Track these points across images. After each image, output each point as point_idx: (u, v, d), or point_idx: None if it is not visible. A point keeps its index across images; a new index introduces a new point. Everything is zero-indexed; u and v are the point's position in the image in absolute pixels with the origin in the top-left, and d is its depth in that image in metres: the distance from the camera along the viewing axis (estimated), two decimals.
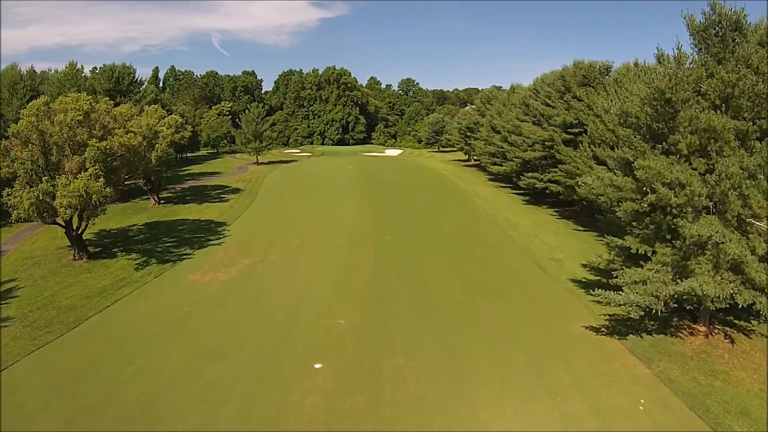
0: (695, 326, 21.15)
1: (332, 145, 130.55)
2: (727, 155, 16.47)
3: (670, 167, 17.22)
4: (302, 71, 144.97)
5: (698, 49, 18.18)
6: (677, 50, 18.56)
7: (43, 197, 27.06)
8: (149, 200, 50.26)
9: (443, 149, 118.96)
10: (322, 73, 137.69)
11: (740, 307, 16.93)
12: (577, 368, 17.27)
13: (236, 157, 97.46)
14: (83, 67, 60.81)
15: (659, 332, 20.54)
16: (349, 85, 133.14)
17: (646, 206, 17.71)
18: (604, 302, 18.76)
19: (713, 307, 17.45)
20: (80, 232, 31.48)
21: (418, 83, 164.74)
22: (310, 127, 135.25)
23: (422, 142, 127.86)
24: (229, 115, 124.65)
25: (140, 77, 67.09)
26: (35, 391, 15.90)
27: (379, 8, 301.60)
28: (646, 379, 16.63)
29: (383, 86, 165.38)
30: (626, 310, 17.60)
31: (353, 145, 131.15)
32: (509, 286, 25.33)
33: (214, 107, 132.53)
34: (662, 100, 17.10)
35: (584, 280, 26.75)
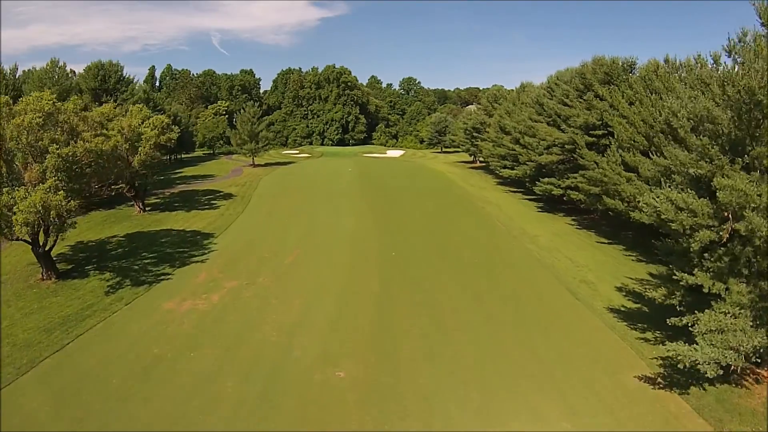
0: (759, 371, 17.56)
1: (332, 145, 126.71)
2: None
3: (758, 188, 13.48)
4: (301, 69, 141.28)
5: None
6: (754, 42, 14.85)
7: (2, 211, 23.43)
8: (135, 207, 46.57)
9: (446, 150, 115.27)
10: (321, 71, 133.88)
11: None
12: None
13: (232, 158, 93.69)
14: (65, 64, 57.06)
15: (721, 381, 16.89)
16: (349, 83, 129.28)
17: (725, 235, 13.99)
18: (674, 357, 14.97)
19: None
20: (48, 249, 27.76)
21: (419, 82, 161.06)
22: (309, 127, 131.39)
23: (424, 142, 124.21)
24: (225, 114, 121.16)
25: (128, 75, 63.19)
26: None
27: (378, 8, 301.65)
28: None
29: (384, 85, 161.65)
30: (704, 368, 13.83)
31: (353, 145, 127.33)
32: (539, 319, 21.54)
33: (210, 107, 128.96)
34: (751, 102, 13.35)
35: (623, 308, 23.06)
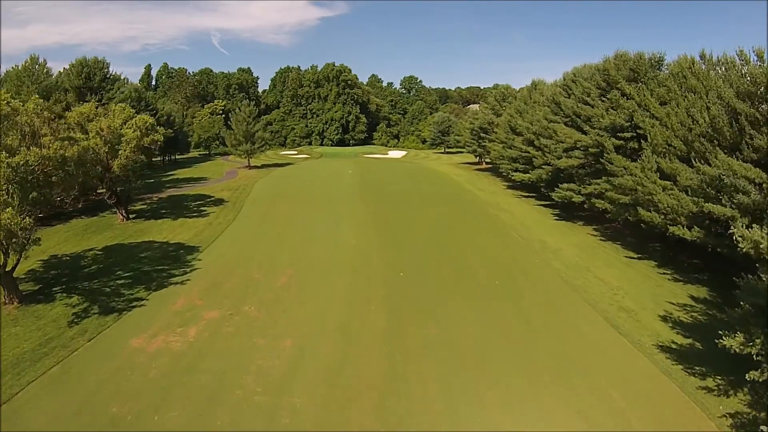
0: None
1: (331, 145, 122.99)
2: None
3: None
4: (300, 68, 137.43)
5: None
6: None
7: None
8: (118, 215, 42.92)
9: (449, 150, 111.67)
10: (321, 69, 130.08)
11: None
12: None
13: (228, 159, 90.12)
14: (46, 61, 53.30)
15: None
16: (349, 82, 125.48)
17: None
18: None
19: None
20: (9, 270, 24.12)
21: (421, 81, 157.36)
22: (308, 126, 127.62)
23: (426, 142, 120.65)
24: (222, 114, 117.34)
25: (114, 72, 59.47)
26: None
27: (378, 8, 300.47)
28: None
29: (384, 84, 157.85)
30: None
31: (354, 145, 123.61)
32: (583, 365, 17.77)
33: (206, 106, 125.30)
34: None
35: (675, 346, 19.45)
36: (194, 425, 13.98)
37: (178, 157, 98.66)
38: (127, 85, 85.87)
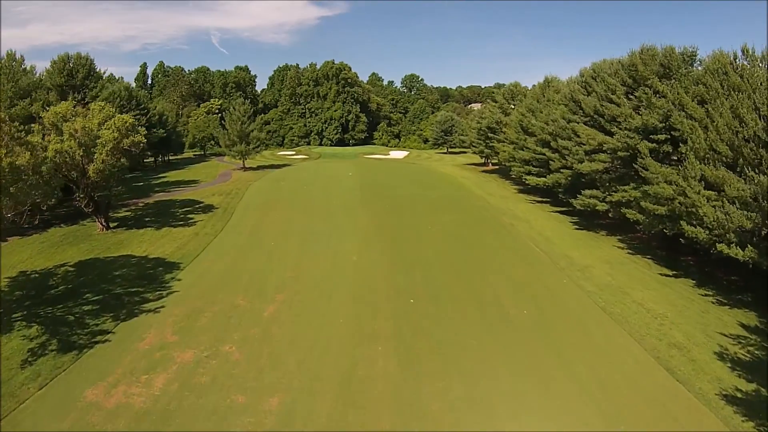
0: None
1: (331, 145, 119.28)
2: None
3: None
4: (299, 66, 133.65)
5: None
6: None
7: None
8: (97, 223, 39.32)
9: (452, 150, 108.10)
10: (320, 67, 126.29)
11: None
12: None
13: (224, 160, 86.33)
14: (24, 58, 49.47)
15: None
16: (349, 80, 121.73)
17: None
18: None
19: None
20: None
21: (422, 79, 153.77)
22: (306, 126, 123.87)
23: (428, 142, 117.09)
24: (219, 113, 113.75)
25: (99, 69, 55.76)
26: None
27: (378, 7, 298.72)
28: None
29: (385, 83, 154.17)
30: None
31: (354, 145, 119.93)
32: (643, 425, 14.23)
33: (202, 105, 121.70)
34: None
35: (740, 395, 16.01)
36: None
37: (171, 158, 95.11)
38: (117, 83, 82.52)
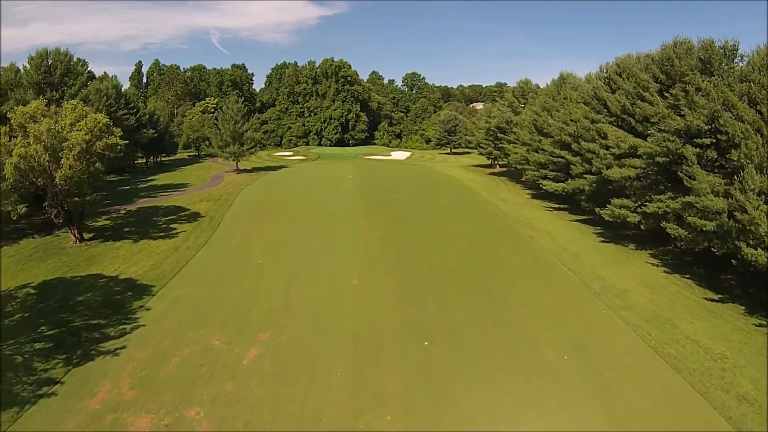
0: None
1: (330, 145, 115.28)
2: None
3: None
4: (297, 64, 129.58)
5: None
6: None
7: None
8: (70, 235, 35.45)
9: (455, 151, 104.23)
10: (319, 65, 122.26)
11: None
12: None
13: (218, 161, 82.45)
14: None
15: None
16: (348, 78, 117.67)
17: None
18: None
19: None
20: None
21: (424, 78, 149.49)
22: (305, 125, 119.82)
23: (431, 142, 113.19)
24: (214, 112, 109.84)
25: (79, 65, 51.79)
26: None
27: (378, 7, 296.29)
28: None
29: (386, 81, 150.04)
30: None
31: (354, 146, 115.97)
32: None
33: (198, 104, 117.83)
34: None
35: None
36: None
37: (163, 159, 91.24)
38: (105, 80, 78.58)
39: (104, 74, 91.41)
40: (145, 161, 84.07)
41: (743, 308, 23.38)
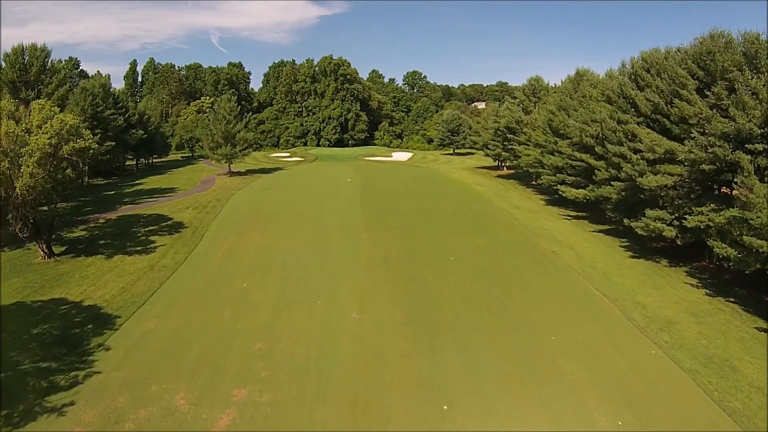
0: None
1: (329, 146, 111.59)
2: None
3: None
4: (295, 62, 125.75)
5: None
6: None
7: None
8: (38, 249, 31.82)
9: (458, 152, 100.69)
10: (317, 63, 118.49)
11: None
12: None
13: (211, 163, 78.60)
14: None
15: None
16: (348, 76, 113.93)
17: None
18: None
19: None
20: None
21: (425, 76, 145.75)
22: (303, 125, 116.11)
23: (432, 142, 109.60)
24: (209, 112, 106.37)
25: (55, 61, 48.17)
26: None
27: (377, 7, 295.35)
28: None
29: (386, 80, 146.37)
30: None
31: (353, 146, 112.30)
32: None
33: (192, 103, 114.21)
34: None
35: None
36: None
37: (155, 160, 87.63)
38: (92, 79, 74.91)
39: (97, 73, 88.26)
40: (135, 163, 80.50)
41: None
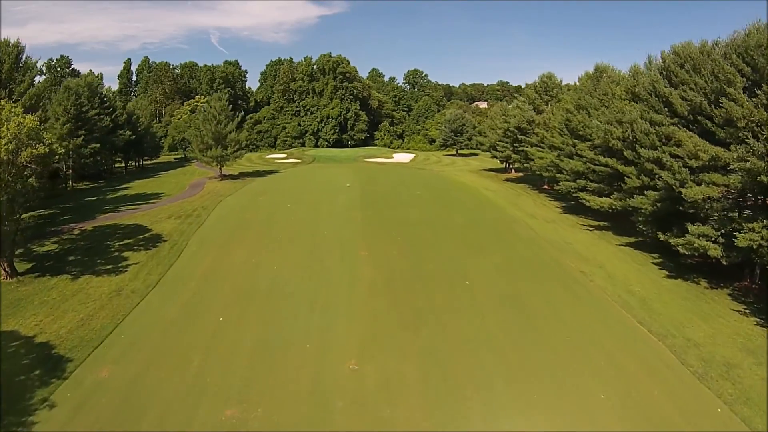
0: None
1: (328, 146, 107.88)
2: None
3: None
4: (292, 60, 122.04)
5: None
6: None
7: None
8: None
9: (461, 152, 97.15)
10: (315, 61, 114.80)
11: None
12: None
13: (203, 165, 75.01)
14: None
15: None
16: (347, 75, 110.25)
17: None
18: None
19: None
20: None
21: (426, 75, 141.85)
22: (301, 125, 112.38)
23: (434, 143, 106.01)
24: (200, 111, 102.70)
25: (28, 58, 44.45)
26: None
27: (377, 7, 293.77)
28: None
29: (386, 79, 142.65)
30: None
31: (353, 147, 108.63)
32: None
33: (186, 103, 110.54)
34: None
35: None
36: None
37: (146, 162, 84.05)
38: (79, 77, 71.26)
39: (89, 72, 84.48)
40: (124, 165, 76.86)
41: None
